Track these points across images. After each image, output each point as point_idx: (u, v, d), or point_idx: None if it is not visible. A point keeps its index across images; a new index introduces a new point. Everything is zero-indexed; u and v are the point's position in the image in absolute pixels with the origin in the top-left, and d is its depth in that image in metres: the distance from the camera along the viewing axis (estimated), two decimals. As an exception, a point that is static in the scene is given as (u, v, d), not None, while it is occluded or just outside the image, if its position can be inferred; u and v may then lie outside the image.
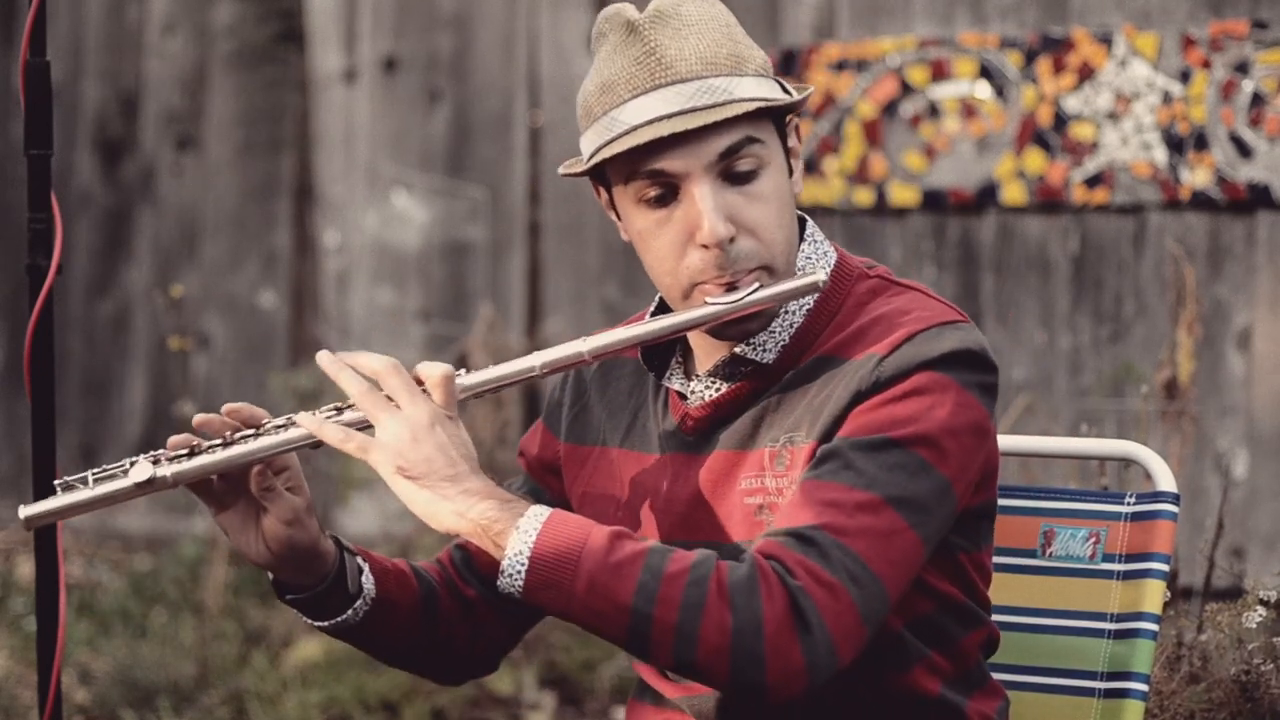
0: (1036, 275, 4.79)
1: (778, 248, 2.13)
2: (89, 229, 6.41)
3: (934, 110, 4.87)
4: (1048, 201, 4.74)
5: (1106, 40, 4.64)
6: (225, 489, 2.19)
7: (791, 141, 2.18)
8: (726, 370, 2.18)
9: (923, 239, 4.93)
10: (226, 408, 2.18)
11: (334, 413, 2.15)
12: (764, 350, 2.17)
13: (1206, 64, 4.51)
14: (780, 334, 2.17)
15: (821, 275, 2.12)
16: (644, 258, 2.19)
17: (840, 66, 4.97)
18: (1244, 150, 4.47)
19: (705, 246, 2.11)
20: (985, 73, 4.81)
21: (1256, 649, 3.05)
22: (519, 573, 2.00)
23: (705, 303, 2.12)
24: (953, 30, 4.88)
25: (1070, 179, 4.70)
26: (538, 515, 2.01)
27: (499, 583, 2.01)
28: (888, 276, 2.21)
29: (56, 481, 2.17)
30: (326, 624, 2.25)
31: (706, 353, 2.21)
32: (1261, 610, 2.97)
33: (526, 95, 5.66)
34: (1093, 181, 4.67)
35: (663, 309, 2.28)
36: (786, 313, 2.17)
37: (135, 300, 6.34)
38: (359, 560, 2.26)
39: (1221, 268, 4.55)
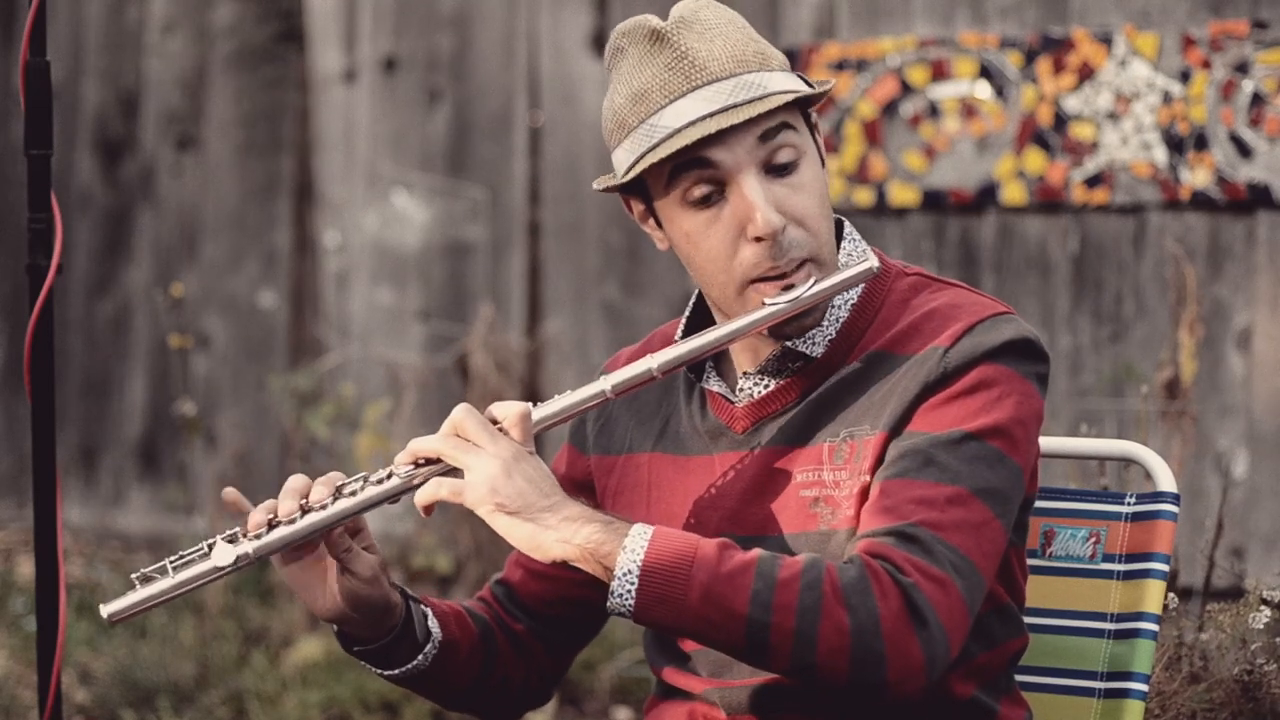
0: (1036, 275, 4.79)
1: (823, 237, 2.17)
2: (89, 229, 6.41)
3: (934, 110, 4.87)
4: (1048, 201, 4.74)
5: (1106, 40, 4.64)
6: (298, 548, 2.19)
7: (817, 137, 2.23)
8: (775, 366, 2.21)
9: (923, 239, 4.93)
10: (313, 493, 2.16)
11: (409, 470, 2.15)
12: (813, 344, 2.20)
13: (1206, 64, 4.51)
14: (827, 329, 2.20)
15: (874, 262, 2.17)
16: (693, 260, 2.20)
17: (840, 66, 4.97)
18: (1244, 150, 4.47)
19: (758, 239, 2.14)
20: (985, 73, 4.81)
21: (1258, 649, 3.05)
22: (629, 591, 2.01)
23: (764, 304, 2.14)
24: (953, 30, 4.88)
25: (1070, 179, 4.70)
26: (643, 533, 2.03)
27: (609, 604, 2.03)
28: (926, 274, 2.25)
29: (134, 575, 2.14)
30: (396, 673, 2.27)
31: (751, 350, 2.23)
32: (1264, 610, 2.97)
33: (526, 95, 5.66)
34: (1093, 181, 4.67)
35: (699, 310, 2.29)
36: (832, 307, 2.20)
37: (135, 300, 6.34)
38: (423, 607, 2.29)
39: (1221, 268, 4.55)
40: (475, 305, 5.61)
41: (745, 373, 2.23)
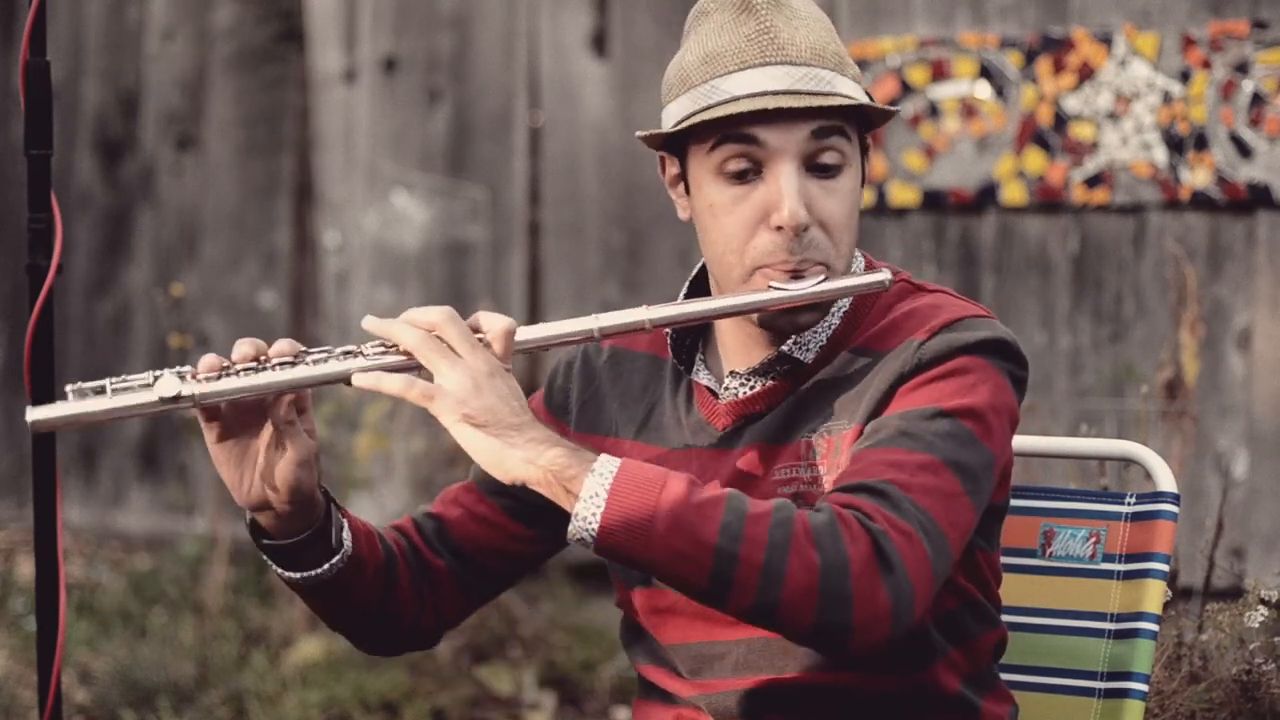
0: (1036, 275, 4.79)
1: (843, 248, 2.16)
2: (89, 229, 6.41)
3: (934, 110, 4.87)
4: (1048, 201, 4.74)
5: (1106, 40, 4.64)
6: (235, 416, 2.10)
7: (867, 160, 2.22)
8: (766, 368, 2.20)
9: (923, 239, 4.93)
10: (273, 348, 2.08)
11: (379, 358, 2.06)
12: (806, 350, 2.19)
13: (1206, 64, 4.51)
14: (820, 334, 2.20)
15: (887, 275, 2.16)
16: (709, 233, 2.18)
17: (840, 66, 4.97)
18: (1244, 150, 4.47)
19: (779, 228, 2.13)
20: (985, 73, 4.81)
21: (1257, 649, 3.05)
22: (594, 514, 1.96)
23: (770, 287, 2.13)
24: (953, 30, 4.88)
25: (1070, 179, 4.70)
26: (611, 460, 2.00)
27: (570, 528, 1.98)
28: (912, 280, 2.24)
29: (69, 387, 2.02)
30: (298, 576, 2.18)
31: (745, 349, 2.22)
32: (1264, 610, 2.97)
33: (526, 95, 5.66)
34: (1093, 181, 4.67)
35: (696, 287, 2.28)
36: (826, 314, 2.19)
37: (135, 300, 6.34)
38: (341, 517, 2.21)
39: (1221, 268, 4.55)
40: (475, 305, 5.61)
41: (734, 371, 2.22)
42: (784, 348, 2.18)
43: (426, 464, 5.27)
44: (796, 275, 2.13)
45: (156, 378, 2.04)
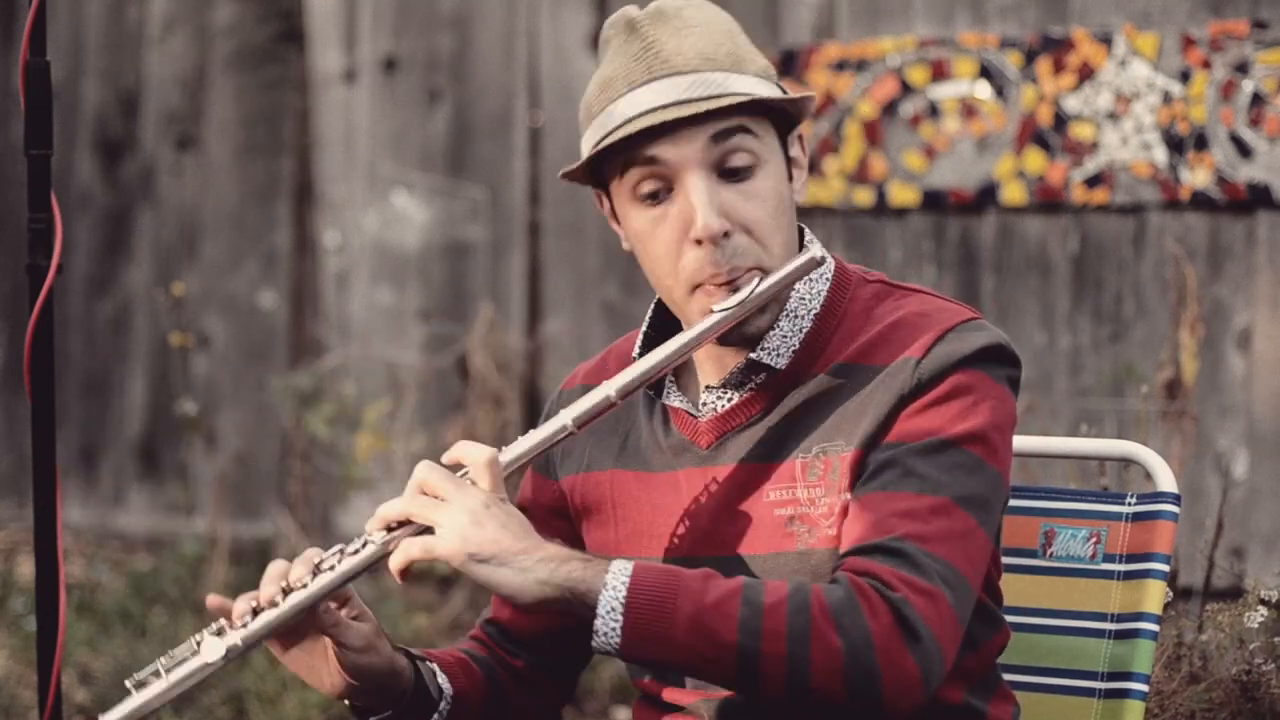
0: (1036, 275, 4.78)
1: (774, 249, 2.13)
2: (89, 229, 6.41)
3: (934, 110, 4.87)
4: (1048, 201, 4.74)
5: (1106, 40, 4.64)
6: (289, 632, 2.15)
7: (794, 150, 2.18)
8: (738, 379, 2.17)
9: (923, 239, 4.93)
10: (276, 571, 2.13)
11: (385, 534, 2.11)
12: (777, 355, 2.16)
13: (1206, 64, 4.51)
14: (791, 338, 2.16)
15: (817, 250, 2.13)
16: (643, 261, 2.18)
17: (840, 66, 4.97)
18: (1244, 150, 4.47)
19: (699, 241, 2.10)
20: (985, 73, 4.81)
21: (1257, 649, 3.05)
22: (614, 630, 1.98)
23: (711, 311, 2.11)
24: (953, 30, 4.88)
25: (1070, 179, 4.70)
26: (623, 569, 2.00)
27: (594, 643, 2.01)
28: (887, 281, 2.22)
29: (129, 681, 2.12)
30: None
31: (714, 363, 2.20)
32: (1263, 610, 2.97)
33: (526, 95, 5.66)
34: (1093, 181, 4.67)
35: (660, 314, 2.26)
36: (795, 317, 2.16)
37: (135, 300, 6.34)
38: (430, 664, 2.27)
39: (1221, 268, 4.55)
40: (475, 305, 5.61)
41: (708, 386, 2.20)
42: (752, 355, 2.16)
43: (426, 464, 5.26)
44: (732, 286, 2.11)
45: (199, 643, 2.12)
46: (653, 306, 2.27)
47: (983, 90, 4.82)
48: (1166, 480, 2.44)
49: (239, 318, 6.17)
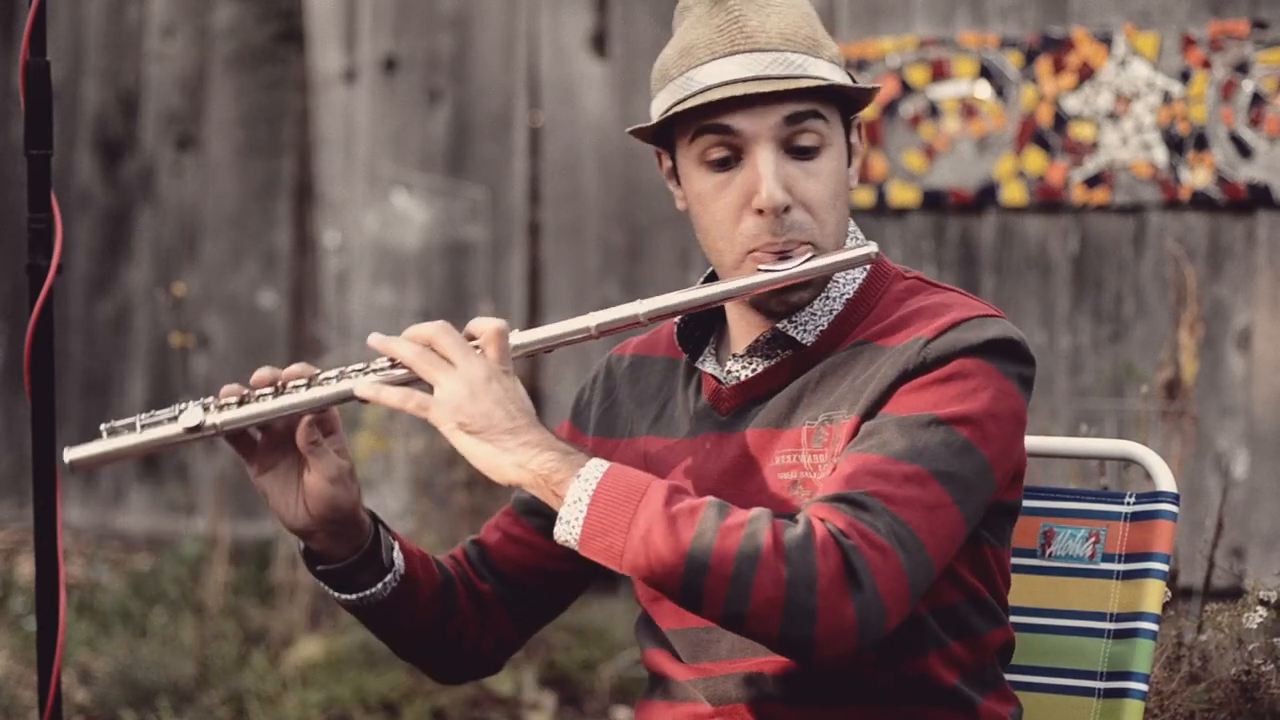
0: (1036, 275, 4.79)
1: (829, 227, 2.18)
2: (89, 229, 6.41)
3: (934, 110, 4.87)
4: (1048, 201, 4.74)
5: (1106, 40, 4.64)
6: (269, 445, 2.19)
7: (854, 138, 2.24)
8: (765, 349, 2.22)
9: (923, 239, 4.93)
10: (285, 370, 2.18)
11: (386, 371, 2.14)
12: (804, 331, 2.21)
13: (1206, 64, 4.51)
14: (820, 318, 2.21)
15: (874, 247, 2.18)
16: (699, 222, 2.22)
17: (840, 66, 4.97)
18: (1244, 150, 4.47)
19: (760, 212, 2.15)
20: (985, 73, 4.81)
21: (1257, 649, 3.05)
22: (576, 520, 2.02)
23: (758, 270, 2.16)
24: (953, 30, 4.88)
25: (1070, 179, 4.70)
26: (598, 465, 2.04)
27: (555, 530, 2.04)
28: (924, 279, 2.26)
29: (103, 426, 2.13)
30: (354, 597, 2.25)
31: (745, 331, 2.25)
32: (1262, 611, 2.97)
33: (526, 95, 5.66)
34: (1093, 181, 4.67)
35: (711, 282, 2.30)
36: (828, 298, 2.22)
37: (135, 300, 6.34)
38: (391, 539, 2.28)
39: (1221, 268, 4.55)
40: (475, 305, 5.61)
41: (735, 354, 2.24)
42: (779, 325, 2.20)
43: (426, 464, 5.28)
44: (784, 256, 2.16)
45: (181, 410, 2.13)
46: (705, 275, 2.32)
47: (983, 90, 4.82)
48: (1166, 480, 2.44)
49: (239, 318, 6.17)
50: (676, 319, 2.30)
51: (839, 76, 2.19)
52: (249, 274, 6.16)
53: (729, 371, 2.24)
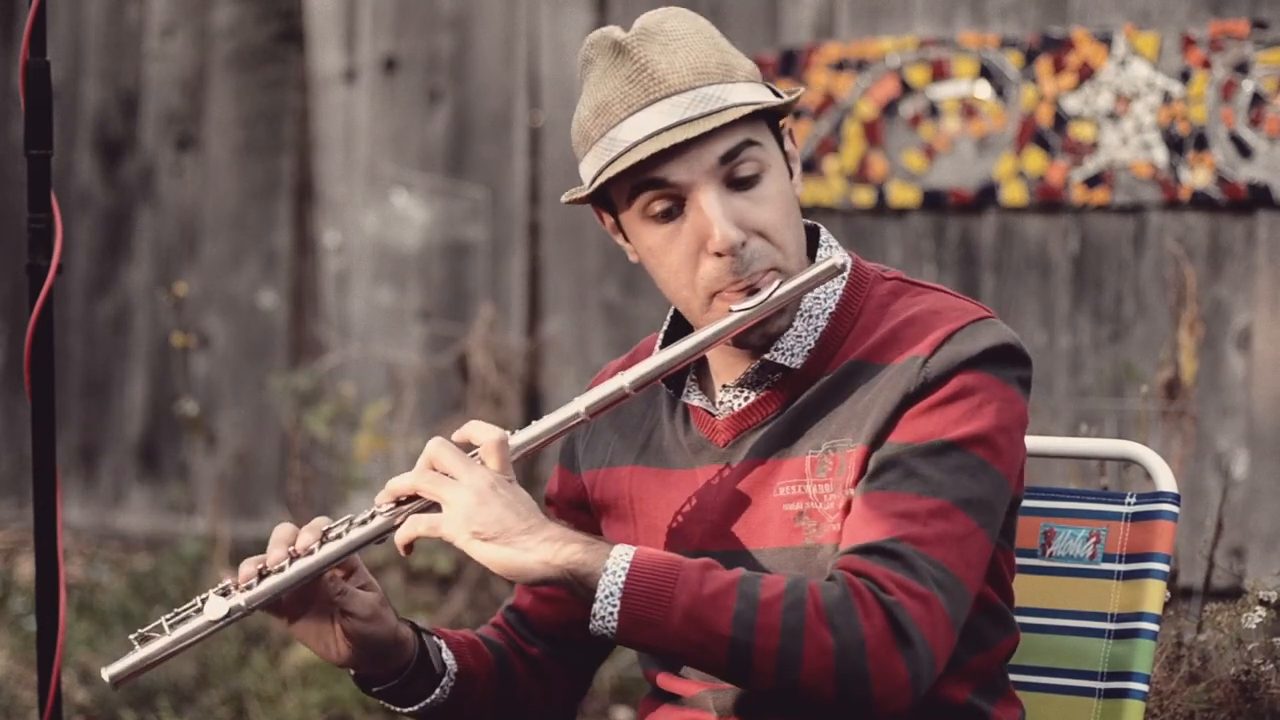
0: (1036, 275, 4.79)
1: (789, 248, 2.14)
2: (89, 229, 6.41)
3: (934, 110, 4.87)
4: (1048, 201, 4.74)
5: (1106, 40, 4.64)
6: (296, 600, 2.18)
7: (788, 145, 2.20)
8: (754, 379, 2.19)
9: (923, 239, 4.93)
10: (299, 543, 2.16)
11: (392, 510, 2.14)
12: (791, 355, 2.17)
13: (1206, 64, 4.51)
14: (805, 338, 2.18)
15: (839, 258, 2.14)
16: (657, 274, 2.19)
17: (840, 66, 4.97)
18: (1244, 150, 4.47)
19: (719, 254, 2.12)
20: (985, 73, 4.81)
21: (1256, 649, 3.05)
22: (611, 614, 2.01)
23: (730, 311, 2.13)
24: (953, 30, 4.88)
25: (1070, 179, 4.70)
26: (624, 554, 2.02)
27: (591, 625, 2.02)
28: (904, 278, 2.23)
29: (133, 636, 2.16)
30: (417, 708, 2.26)
31: (729, 364, 2.22)
32: (1261, 610, 2.97)
33: (526, 95, 5.66)
34: (1093, 181, 4.67)
35: (677, 322, 2.28)
36: (810, 316, 2.18)
37: (135, 300, 6.34)
38: (436, 639, 2.29)
39: (1221, 268, 4.55)
40: (475, 305, 5.62)
41: (725, 385, 2.21)
42: (766, 356, 2.17)
43: (426, 464, 5.27)
44: (752, 291, 2.13)
45: (204, 600, 2.15)
46: (672, 311, 2.29)
47: (983, 90, 4.82)
48: (1166, 480, 2.44)
49: (239, 318, 6.17)
50: (656, 346, 2.27)
51: (760, 94, 2.14)
52: (249, 274, 6.16)
53: (721, 403, 2.21)
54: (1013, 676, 2.35)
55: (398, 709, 2.28)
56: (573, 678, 2.39)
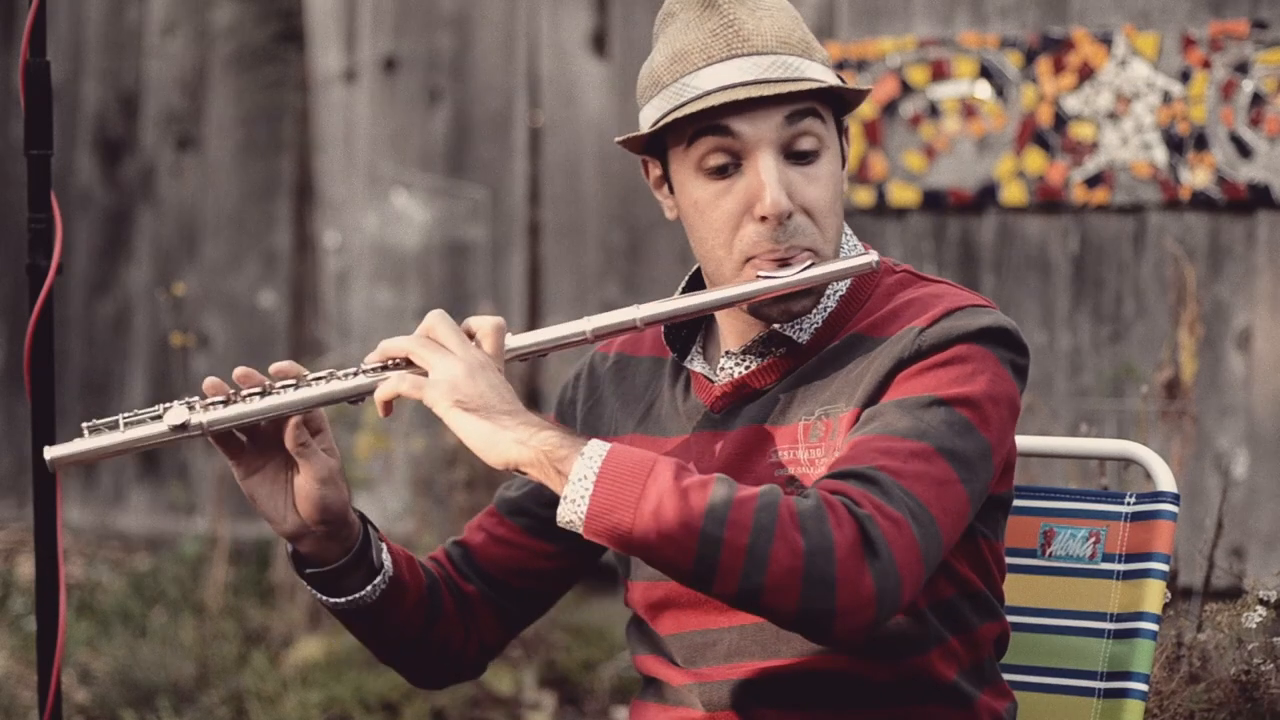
0: (1036, 275, 4.79)
1: (829, 232, 2.18)
2: (89, 229, 6.41)
3: (934, 110, 4.87)
4: (1048, 201, 4.74)
5: (1106, 40, 4.65)
6: (256, 448, 2.16)
7: (845, 143, 2.24)
8: (760, 348, 2.21)
9: (923, 239, 4.93)
10: (272, 367, 2.16)
11: (375, 372, 2.11)
12: (799, 330, 2.20)
13: (1206, 64, 4.51)
14: (815, 316, 2.21)
15: (875, 256, 2.17)
16: (696, 230, 2.20)
17: (840, 66, 4.97)
18: (1244, 150, 4.47)
19: (763, 218, 2.14)
20: (985, 73, 4.81)
21: (1256, 649, 3.05)
22: (582, 497, 1.98)
23: (758, 276, 2.15)
24: (953, 30, 4.88)
25: (1070, 179, 4.70)
26: (602, 444, 2.01)
27: (560, 511, 1.99)
28: (914, 271, 2.26)
29: (85, 424, 2.09)
30: (342, 601, 2.23)
31: (738, 331, 2.24)
32: (1261, 610, 2.97)
33: (526, 95, 5.66)
34: (1093, 181, 4.67)
35: (694, 285, 2.29)
36: (822, 298, 2.20)
37: (135, 300, 6.34)
38: (380, 541, 2.26)
39: (1221, 268, 4.55)
40: (475, 305, 5.61)
41: (728, 352, 2.24)
42: (776, 326, 2.20)
43: (426, 464, 5.28)
44: (784, 263, 2.15)
45: (166, 409, 2.09)
46: (691, 272, 2.31)
47: (983, 90, 4.82)
48: (1166, 480, 2.44)
49: (239, 318, 6.17)
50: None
51: (832, 79, 2.19)
52: (249, 274, 6.16)
53: (721, 369, 2.24)
54: (1012, 676, 2.35)
55: (323, 597, 2.23)
56: (500, 626, 2.36)
